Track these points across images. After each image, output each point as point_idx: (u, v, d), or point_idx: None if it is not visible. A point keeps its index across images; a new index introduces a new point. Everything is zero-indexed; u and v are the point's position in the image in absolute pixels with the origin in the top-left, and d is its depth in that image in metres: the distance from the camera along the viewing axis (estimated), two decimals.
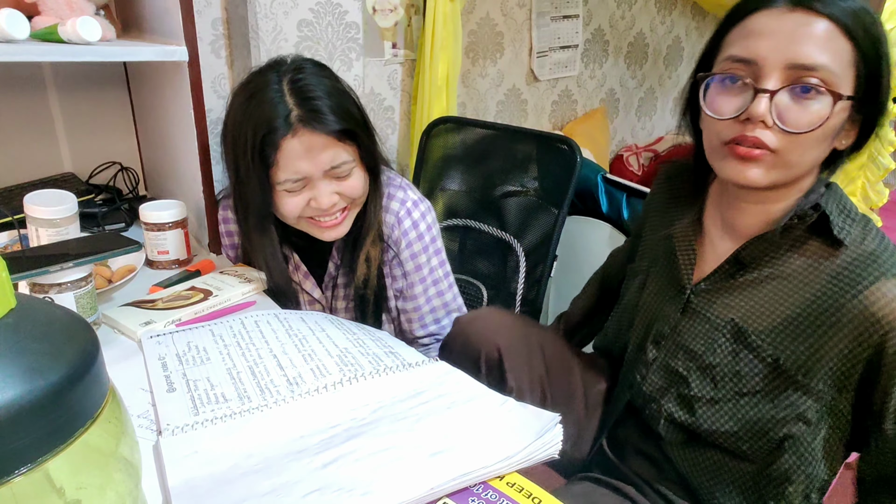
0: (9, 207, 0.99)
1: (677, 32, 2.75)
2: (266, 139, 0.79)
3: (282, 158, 0.80)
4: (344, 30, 1.30)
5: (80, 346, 0.31)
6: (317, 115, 0.79)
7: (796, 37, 0.62)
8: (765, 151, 0.64)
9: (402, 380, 0.65)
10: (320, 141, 0.80)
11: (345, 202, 0.87)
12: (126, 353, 0.72)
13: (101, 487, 0.31)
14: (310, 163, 0.81)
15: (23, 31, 0.78)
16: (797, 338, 0.68)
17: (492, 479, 0.52)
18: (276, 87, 0.80)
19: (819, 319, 0.67)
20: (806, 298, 0.68)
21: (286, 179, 0.81)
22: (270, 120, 0.78)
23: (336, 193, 0.85)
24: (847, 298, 0.65)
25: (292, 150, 0.79)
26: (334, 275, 0.98)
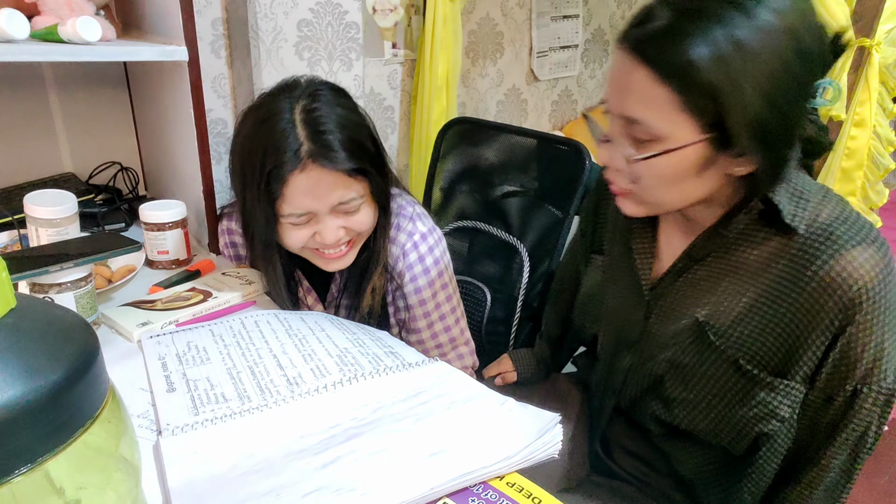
0: (9, 207, 0.99)
1: None
2: (274, 172, 0.76)
3: (288, 192, 0.77)
4: (344, 30, 1.30)
5: (79, 346, 0.31)
6: (328, 150, 0.76)
7: (622, 87, 0.61)
8: (625, 190, 0.66)
9: (402, 380, 0.65)
10: (329, 178, 0.77)
11: (350, 236, 0.85)
12: (126, 353, 0.72)
13: (101, 487, 0.31)
14: (317, 200, 0.78)
15: (23, 31, 0.78)
16: (759, 332, 0.67)
17: (492, 479, 0.52)
18: (288, 117, 0.77)
19: (778, 308, 0.65)
20: (762, 288, 0.66)
21: (290, 213, 0.79)
22: (280, 152, 0.76)
23: (342, 228, 0.82)
24: (805, 280, 0.63)
25: (300, 186, 0.77)
26: (336, 296, 0.97)
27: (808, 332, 0.64)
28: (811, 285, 0.62)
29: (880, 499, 1.69)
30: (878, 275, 0.60)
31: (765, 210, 0.65)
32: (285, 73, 1.23)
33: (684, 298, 0.73)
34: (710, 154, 0.60)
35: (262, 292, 0.91)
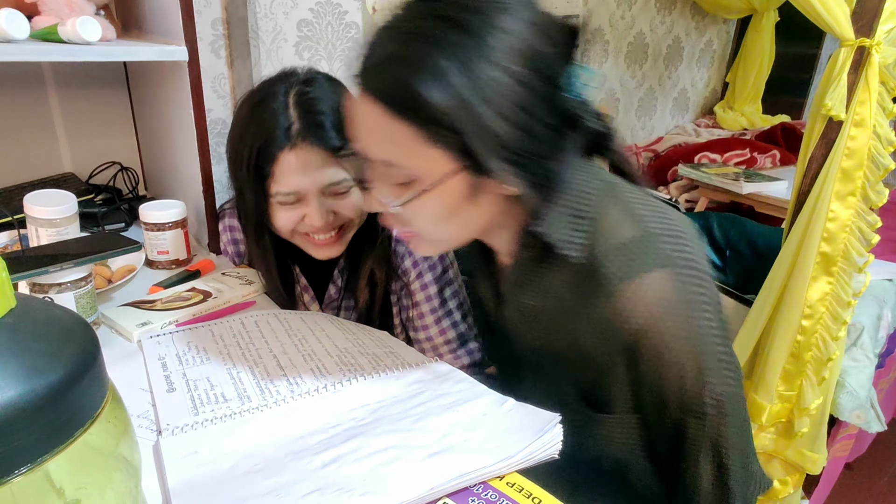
0: (9, 207, 0.99)
1: (677, 32, 2.75)
2: (263, 150, 0.77)
3: (277, 171, 0.78)
4: (344, 30, 1.30)
5: (79, 346, 0.31)
6: (318, 129, 0.77)
7: (365, 128, 0.57)
8: (408, 233, 0.62)
9: (402, 380, 0.65)
10: (319, 157, 0.77)
11: (340, 222, 0.84)
12: (126, 353, 0.72)
13: (101, 487, 0.31)
14: (306, 178, 0.78)
15: (23, 31, 0.78)
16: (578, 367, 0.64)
17: (492, 479, 0.52)
18: (282, 99, 0.78)
19: (584, 342, 0.62)
20: (570, 320, 0.63)
21: (278, 192, 0.79)
22: (270, 130, 0.76)
23: (331, 212, 0.82)
24: (595, 315, 0.60)
25: (289, 164, 0.77)
26: (335, 297, 0.96)
27: (613, 367, 0.61)
28: (601, 319, 0.59)
29: (880, 499, 1.69)
30: (661, 302, 0.57)
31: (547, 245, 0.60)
32: None
33: (526, 327, 0.69)
34: (473, 180, 0.56)
35: (262, 292, 0.91)
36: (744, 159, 2.27)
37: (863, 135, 1.02)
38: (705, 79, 3.07)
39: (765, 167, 2.28)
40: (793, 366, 1.15)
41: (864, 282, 1.10)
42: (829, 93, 1.01)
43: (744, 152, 2.28)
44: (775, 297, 1.16)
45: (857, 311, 1.31)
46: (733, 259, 1.43)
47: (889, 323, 1.42)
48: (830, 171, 1.04)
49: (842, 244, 1.07)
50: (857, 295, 1.10)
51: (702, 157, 2.28)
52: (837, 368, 1.15)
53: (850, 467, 1.77)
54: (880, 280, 1.47)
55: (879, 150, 1.03)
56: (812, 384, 1.15)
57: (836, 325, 1.11)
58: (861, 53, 1.00)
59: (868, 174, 1.04)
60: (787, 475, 1.24)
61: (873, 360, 1.28)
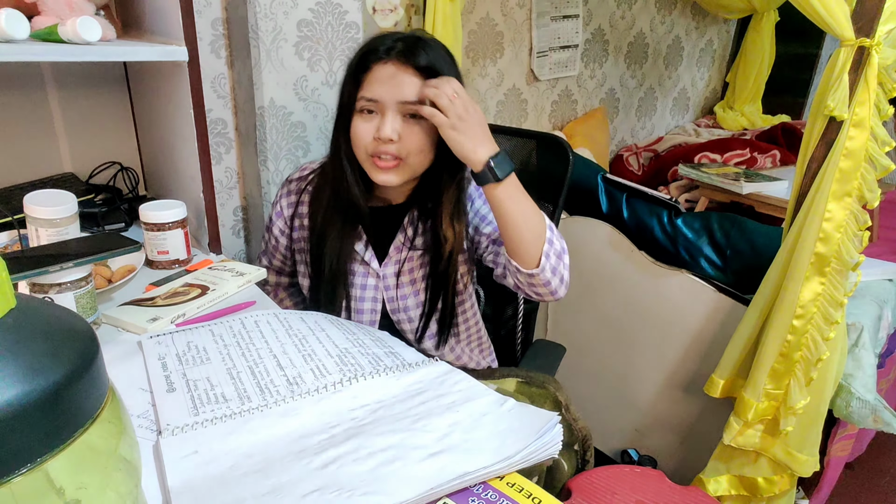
0: (9, 207, 0.99)
1: (677, 32, 2.75)
2: (363, 59, 0.88)
3: (368, 79, 0.87)
4: (344, 30, 1.30)
5: (79, 346, 0.31)
6: (412, 53, 0.86)
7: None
8: None
9: (402, 380, 0.65)
10: (404, 74, 0.86)
11: (402, 149, 0.88)
12: (126, 353, 0.72)
13: (101, 487, 0.31)
14: (388, 88, 0.86)
15: (23, 31, 0.78)
16: None
17: (492, 479, 0.52)
18: (397, 35, 0.89)
19: None
20: None
21: (362, 97, 0.87)
22: (374, 47, 0.88)
23: (398, 132, 0.87)
24: None
25: (379, 73, 0.87)
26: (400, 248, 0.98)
27: None
28: None
29: (880, 499, 1.69)
30: None
31: None
32: (285, 73, 1.23)
33: None
34: None
35: (254, 283, 0.92)
36: (744, 159, 2.27)
37: (861, 135, 1.02)
38: (705, 79, 3.07)
39: (765, 167, 2.28)
40: (782, 365, 1.16)
41: (855, 281, 1.10)
42: (831, 93, 1.01)
43: (744, 152, 2.28)
44: (771, 296, 1.16)
45: (857, 311, 1.31)
46: (733, 259, 1.43)
47: (889, 323, 1.42)
48: (828, 171, 1.04)
49: (836, 245, 1.07)
50: (848, 295, 1.10)
51: (702, 157, 2.28)
52: (827, 369, 1.15)
53: (850, 467, 1.77)
54: (880, 280, 1.47)
55: (877, 151, 1.03)
56: (800, 384, 1.15)
57: (828, 326, 1.11)
58: (861, 53, 0.99)
59: (864, 174, 1.04)
60: (775, 474, 1.24)
61: (874, 360, 1.28)
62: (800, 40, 3.09)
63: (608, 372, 1.68)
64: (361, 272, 0.99)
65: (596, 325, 1.67)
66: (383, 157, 0.88)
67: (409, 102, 0.86)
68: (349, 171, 0.93)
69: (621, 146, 2.72)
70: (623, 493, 1.05)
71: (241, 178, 1.39)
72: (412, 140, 0.88)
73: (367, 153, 0.89)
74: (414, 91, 0.86)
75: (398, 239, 0.98)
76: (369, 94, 0.87)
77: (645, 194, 1.55)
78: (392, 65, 0.86)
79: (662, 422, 1.57)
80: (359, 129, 0.89)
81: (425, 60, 0.86)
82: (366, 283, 0.99)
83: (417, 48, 0.86)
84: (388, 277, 0.99)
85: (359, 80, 0.88)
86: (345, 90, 0.91)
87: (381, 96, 0.86)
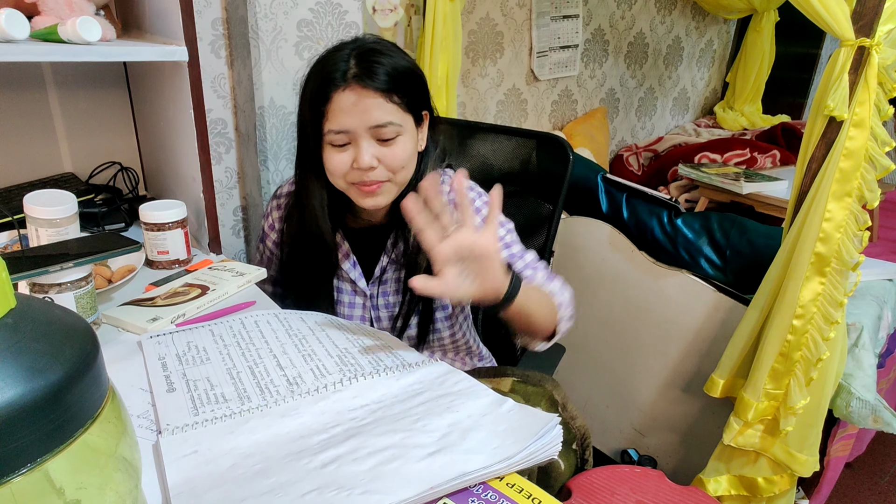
0: (9, 207, 0.99)
1: (677, 32, 2.75)
2: (321, 91, 0.84)
3: (331, 110, 0.84)
4: (344, 30, 1.30)
5: (80, 346, 0.31)
6: (371, 73, 0.83)
7: None
8: None
9: (402, 380, 0.65)
10: (368, 98, 0.83)
11: (385, 171, 0.86)
12: (126, 353, 0.72)
13: (101, 487, 0.31)
14: (355, 117, 0.83)
15: (23, 31, 0.78)
16: None
17: (491, 479, 0.52)
18: (345, 53, 0.85)
19: None
20: None
21: (329, 130, 0.84)
22: (329, 74, 0.84)
23: (377, 158, 0.85)
24: None
25: (341, 103, 0.83)
26: (385, 269, 0.96)
27: None
28: None
29: (881, 498, 1.69)
30: None
31: None
32: (285, 73, 1.23)
33: None
34: None
35: (254, 283, 0.92)
36: (744, 159, 2.27)
37: (861, 135, 1.02)
38: (705, 79, 3.07)
39: (765, 167, 2.28)
40: (782, 365, 1.16)
41: (855, 281, 1.10)
42: (831, 93, 1.01)
43: (744, 152, 2.28)
44: (771, 296, 1.16)
45: (858, 311, 1.31)
46: (733, 259, 1.43)
47: (889, 323, 1.42)
48: (828, 171, 1.04)
49: (836, 245, 1.07)
50: (848, 295, 1.10)
51: (702, 157, 2.28)
52: (827, 369, 1.15)
53: (850, 467, 1.77)
54: (880, 280, 1.47)
55: (876, 151, 1.03)
56: (800, 384, 1.15)
57: (828, 326, 1.11)
58: (861, 53, 0.99)
59: (864, 174, 1.04)
60: (775, 474, 1.24)
61: (874, 361, 1.28)
62: (800, 40, 3.09)
63: (608, 372, 1.68)
64: (349, 290, 0.98)
65: (596, 325, 1.67)
66: (366, 185, 0.86)
67: (379, 126, 0.83)
68: (318, 204, 0.91)
69: (621, 146, 2.72)
70: (623, 493, 1.05)
71: (241, 178, 1.39)
72: (393, 160, 0.86)
73: (347, 182, 0.87)
74: (382, 113, 0.83)
75: (383, 260, 0.96)
76: (337, 127, 0.83)
77: (645, 194, 1.55)
78: (351, 91, 0.82)
79: (662, 422, 1.57)
80: (334, 161, 0.86)
81: (384, 75, 0.83)
82: (353, 302, 0.98)
83: (373, 62, 0.83)
84: (375, 297, 0.97)
85: (320, 112, 0.85)
86: (306, 123, 0.87)
87: (349, 126, 0.83)
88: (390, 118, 0.84)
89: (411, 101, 0.87)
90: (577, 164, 1.25)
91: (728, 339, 1.26)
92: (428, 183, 0.70)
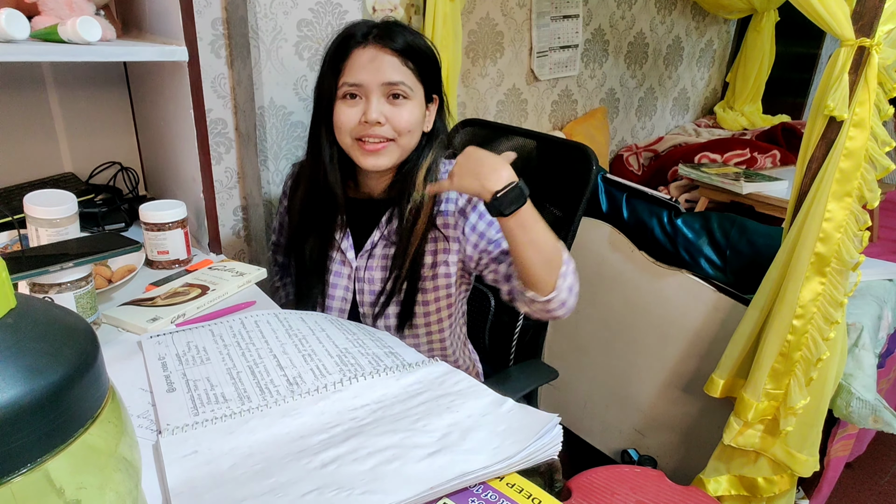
0: (9, 207, 0.99)
1: (677, 32, 2.75)
2: (341, 46, 0.90)
3: (348, 65, 0.89)
4: None
5: (80, 346, 0.31)
6: (390, 36, 0.88)
7: None
8: None
9: (402, 380, 0.65)
10: (385, 57, 0.88)
11: (390, 130, 0.90)
12: (126, 353, 0.72)
13: (101, 487, 0.31)
14: (370, 72, 0.87)
15: (23, 31, 0.78)
16: None
17: (491, 479, 0.52)
18: (369, 21, 0.91)
19: None
20: None
21: (344, 83, 0.89)
22: (351, 33, 0.90)
23: (385, 116, 0.89)
24: None
25: (359, 59, 0.88)
26: (375, 243, 0.97)
27: None
28: None
29: (881, 498, 1.69)
30: None
31: None
32: (285, 73, 1.23)
33: None
34: None
35: (254, 283, 0.92)
36: (744, 159, 2.27)
37: (861, 135, 1.02)
38: (705, 79, 3.07)
39: (765, 167, 2.28)
40: (782, 365, 1.16)
41: (855, 281, 1.10)
42: (830, 93, 1.01)
43: (744, 152, 2.28)
44: (771, 296, 1.16)
45: (858, 311, 1.31)
46: (733, 259, 1.43)
47: (889, 323, 1.42)
48: (828, 171, 1.04)
49: (836, 245, 1.07)
50: (848, 295, 1.10)
51: (702, 157, 2.28)
52: (827, 369, 1.15)
53: (850, 467, 1.77)
54: (880, 280, 1.47)
55: (877, 151, 1.03)
56: (800, 384, 1.15)
57: (828, 326, 1.11)
58: (861, 53, 0.99)
59: (864, 174, 1.04)
60: (775, 474, 1.24)
61: (874, 361, 1.28)
62: (800, 40, 3.09)
63: (608, 372, 1.68)
64: (338, 260, 0.99)
65: (596, 325, 1.67)
66: (370, 141, 0.89)
67: (392, 83, 0.88)
68: (328, 158, 0.94)
69: (621, 146, 2.72)
70: (623, 493, 1.05)
71: (241, 178, 1.39)
72: (400, 120, 0.90)
73: (352, 138, 0.91)
74: (396, 72, 0.88)
75: (375, 235, 0.97)
76: (352, 80, 0.88)
77: (645, 194, 1.55)
78: (371, 48, 0.88)
79: (662, 422, 1.57)
80: (343, 114, 0.90)
81: (403, 41, 0.88)
82: (340, 272, 1.00)
83: (394, 30, 0.89)
84: (360, 269, 0.99)
85: (338, 68, 0.89)
86: (324, 80, 0.92)
87: (363, 80, 0.88)
88: (403, 78, 0.89)
89: (424, 75, 0.91)
90: None
91: (728, 339, 1.26)
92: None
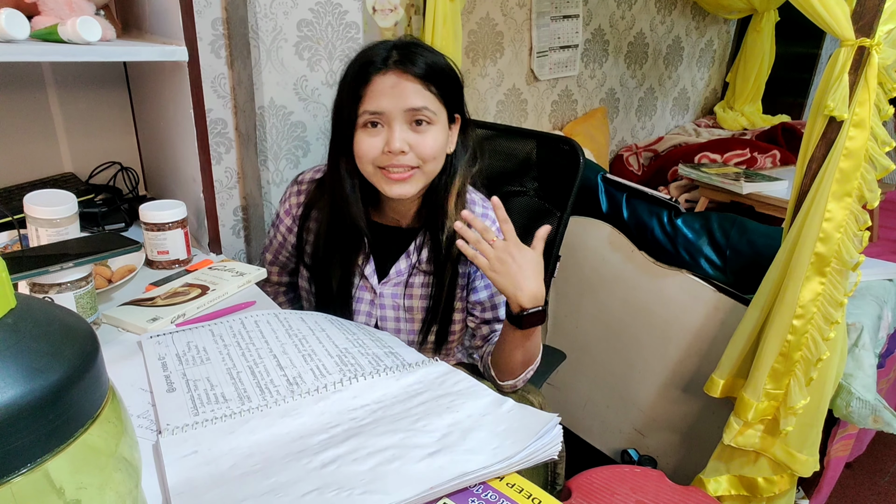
0: (9, 207, 0.99)
1: (677, 32, 2.75)
2: (360, 74, 0.86)
3: (369, 92, 0.85)
4: (344, 30, 1.30)
5: (80, 346, 0.31)
6: (412, 60, 0.85)
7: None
8: None
9: (402, 380, 0.65)
10: (406, 82, 0.85)
11: (415, 158, 0.87)
12: (126, 353, 0.72)
13: (101, 487, 0.31)
14: (392, 99, 0.84)
15: (23, 31, 0.78)
16: None
17: (491, 479, 0.52)
18: (388, 44, 0.88)
19: None
20: None
21: (365, 111, 0.85)
22: (371, 58, 0.86)
23: (408, 144, 0.86)
24: None
25: (380, 85, 0.85)
26: (404, 272, 0.96)
27: None
28: None
29: (881, 498, 1.69)
30: None
31: None
32: (285, 73, 1.23)
33: None
34: None
35: (254, 283, 0.92)
36: (744, 159, 2.27)
37: (861, 135, 1.02)
38: (705, 79, 3.07)
39: (765, 167, 2.28)
40: (782, 365, 1.16)
41: (855, 281, 1.10)
42: (830, 93, 1.01)
43: (744, 152, 2.28)
44: (771, 296, 1.16)
45: (858, 311, 1.31)
46: (733, 259, 1.43)
47: (889, 323, 1.42)
48: (828, 171, 1.04)
49: (836, 245, 1.07)
50: (848, 295, 1.10)
51: (702, 157, 2.28)
52: (827, 369, 1.15)
53: (850, 467, 1.77)
54: (880, 280, 1.47)
55: (877, 151, 1.03)
56: (800, 384, 1.15)
57: (828, 326, 1.11)
58: (861, 53, 0.99)
59: (864, 174, 1.04)
60: (775, 474, 1.24)
61: (874, 361, 1.28)
62: (800, 40, 3.09)
63: (608, 372, 1.68)
64: (360, 286, 0.98)
65: (596, 325, 1.67)
66: (395, 171, 0.87)
67: (415, 109, 0.85)
68: (350, 188, 0.92)
69: (621, 146, 2.72)
70: (623, 493, 1.05)
71: (241, 178, 1.39)
72: (424, 147, 0.87)
73: (375, 167, 0.88)
74: (418, 97, 0.85)
75: (402, 262, 0.96)
76: (373, 107, 0.85)
77: (645, 194, 1.55)
78: (392, 74, 0.84)
79: (662, 422, 1.57)
80: (364, 143, 0.87)
81: (424, 63, 0.85)
82: (361, 297, 0.98)
83: (414, 53, 0.86)
84: (384, 297, 0.97)
85: (358, 95, 0.86)
86: (342, 109, 0.89)
87: (385, 107, 0.84)
88: (426, 103, 0.86)
89: (447, 97, 0.89)
90: None
91: (728, 339, 1.26)
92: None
